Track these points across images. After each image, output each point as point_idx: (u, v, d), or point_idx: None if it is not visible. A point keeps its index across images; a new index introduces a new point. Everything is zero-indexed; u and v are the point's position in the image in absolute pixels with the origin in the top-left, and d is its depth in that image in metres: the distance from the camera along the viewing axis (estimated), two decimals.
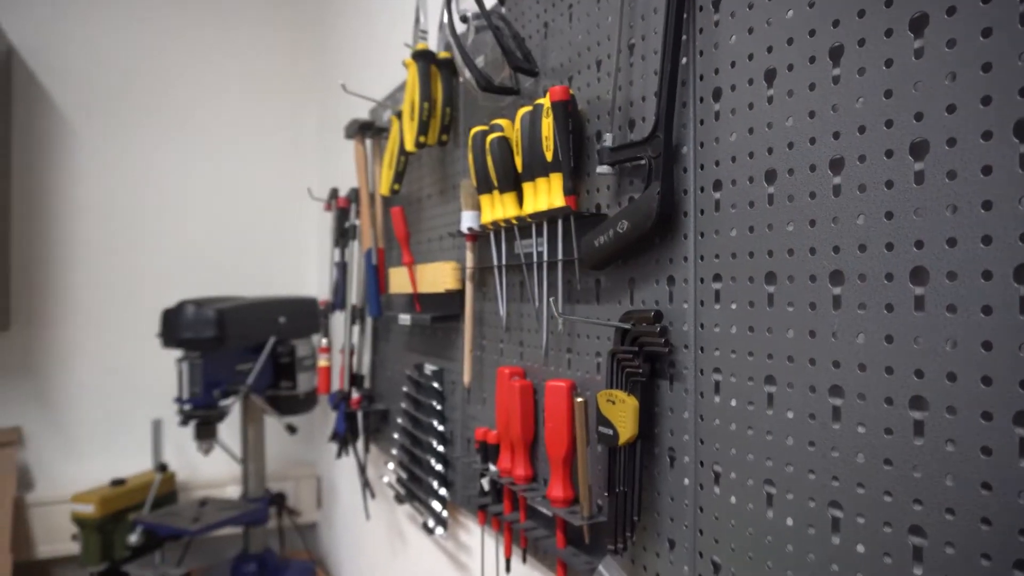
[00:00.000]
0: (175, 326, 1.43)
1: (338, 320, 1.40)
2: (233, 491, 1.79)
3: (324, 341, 1.36)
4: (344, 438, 1.25)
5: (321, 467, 1.89)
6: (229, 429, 1.66)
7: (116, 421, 1.74)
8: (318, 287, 1.94)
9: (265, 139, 1.90)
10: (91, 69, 1.72)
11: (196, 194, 1.83)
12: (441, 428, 0.97)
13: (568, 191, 0.67)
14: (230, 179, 1.86)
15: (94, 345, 1.72)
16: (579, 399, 0.63)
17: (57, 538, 1.62)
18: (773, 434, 0.47)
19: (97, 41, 1.73)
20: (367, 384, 1.30)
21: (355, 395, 1.25)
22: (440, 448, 0.97)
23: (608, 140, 0.62)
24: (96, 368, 1.72)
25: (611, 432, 0.58)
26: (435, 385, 0.99)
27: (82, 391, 1.71)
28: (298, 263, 1.95)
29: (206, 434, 1.47)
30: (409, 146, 0.97)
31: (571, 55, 0.71)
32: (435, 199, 1.06)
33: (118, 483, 1.53)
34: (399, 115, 1.07)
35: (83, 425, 1.71)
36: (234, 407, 1.51)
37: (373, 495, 1.26)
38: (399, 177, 1.08)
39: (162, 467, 1.56)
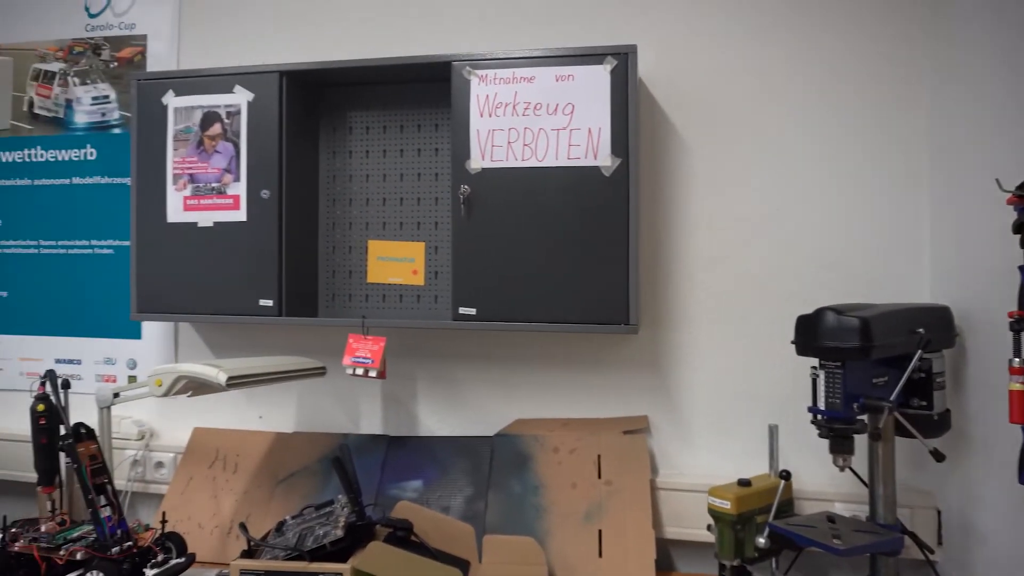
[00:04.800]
0: (813, 334, 1.40)
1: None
2: (841, 508, 1.69)
3: (1016, 360, 1.14)
4: None
5: (943, 499, 1.66)
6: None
7: (727, 420, 1.82)
8: (931, 293, 1.72)
9: (867, 135, 1.76)
10: (703, 92, 1.84)
11: (800, 201, 1.80)
12: None
13: None
14: (832, 183, 1.78)
15: (710, 347, 1.83)
16: None
17: (680, 522, 1.76)
18: None
19: (709, 67, 1.84)
20: None
21: None
22: None
23: None
24: (713, 369, 1.83)
25: None
26: None
27: (699, 389, 1.84)
28: (908, 265, 1.75)
29: (844, 449, 1.40)
30: None
31: None
32: None
33: (744, 483, 1.57)
34: None
35: (697, 420, 1.84)
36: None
37: None
38: None
39: (786, 474, 1.56)
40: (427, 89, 1.93)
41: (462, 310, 1.72)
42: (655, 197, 1.86)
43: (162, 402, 2.07)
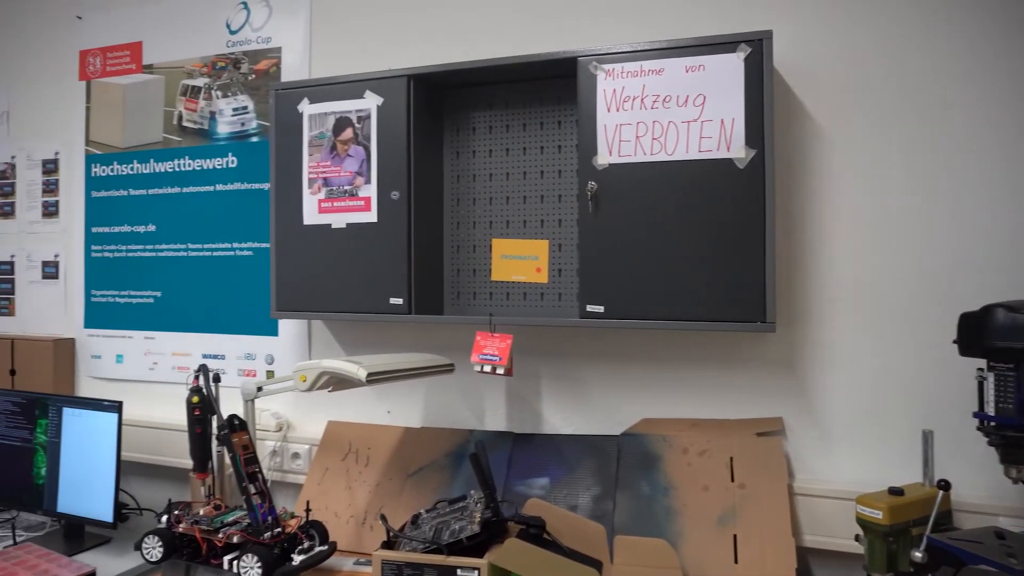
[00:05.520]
0: (981, 333, 1.29)
1: None
2: (1006, 523, 1.55)
3: None
4: None
5: None
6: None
7: (869, 424, 1.71)
8: None
9: None
10: (841, 78, 1.74)
11: (953, 190, 1.66)
12: None
13: None
14: (989, 170, 1.64)
15: (851, 346, 1.72)
16: None
17: (820, 531, 1.67)
18: None
19: (847, 52, 1.73)
20: None
21: None
22: None
23: None
24: (853, 369, 1.72)
25: None
26: None
27: (838, 390, 1.74)
28: None
29: (1019, 459, 1.29)
30: None
31: None
32: None
33: (896, 492, 1.47)
34: None
35: (836, 423, 1.74)
36: None
37: None
38: None
39: (945, 484, 1.44)
40: (549, 86, 1.93)
41: (590, 308, 1.70)
42: (791, 189, 1.78)
43: (297, 396, 2.18)
